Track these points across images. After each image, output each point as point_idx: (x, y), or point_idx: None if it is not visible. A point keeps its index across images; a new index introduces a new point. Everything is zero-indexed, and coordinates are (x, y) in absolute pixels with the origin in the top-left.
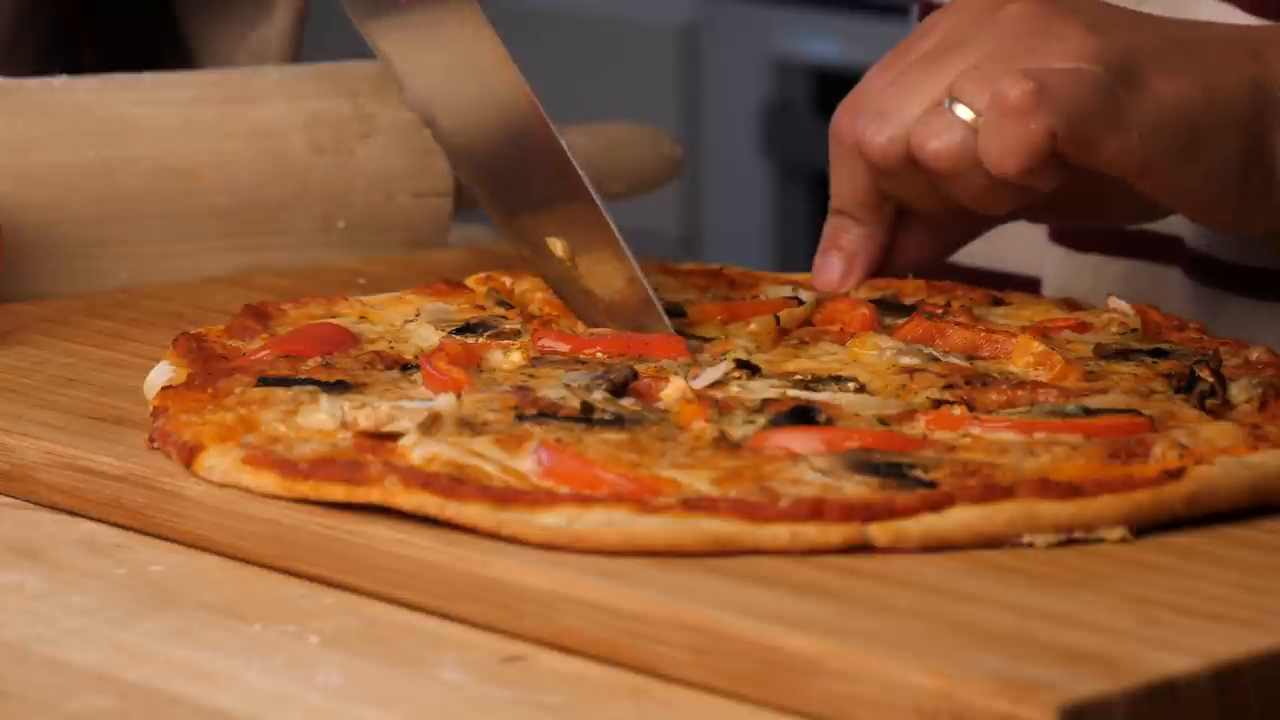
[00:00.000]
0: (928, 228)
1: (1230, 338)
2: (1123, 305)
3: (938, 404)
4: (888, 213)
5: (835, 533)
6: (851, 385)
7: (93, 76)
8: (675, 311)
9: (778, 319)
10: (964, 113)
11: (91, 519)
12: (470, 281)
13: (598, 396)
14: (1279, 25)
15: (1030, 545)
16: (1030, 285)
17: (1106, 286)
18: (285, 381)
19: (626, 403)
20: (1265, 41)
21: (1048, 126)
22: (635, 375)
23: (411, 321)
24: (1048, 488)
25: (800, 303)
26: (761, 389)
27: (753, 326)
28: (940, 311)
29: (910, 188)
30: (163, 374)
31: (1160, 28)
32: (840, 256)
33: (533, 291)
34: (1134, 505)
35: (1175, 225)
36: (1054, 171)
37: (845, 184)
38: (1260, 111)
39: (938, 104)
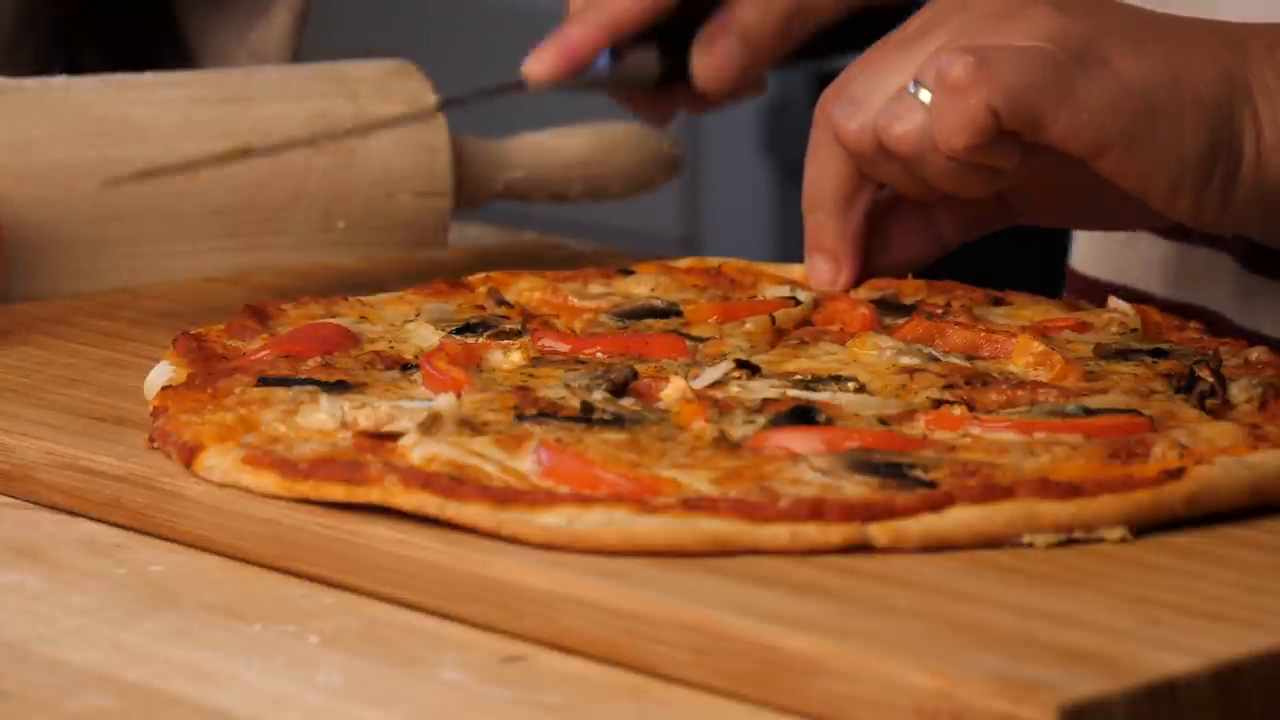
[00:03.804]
0: (919, 224)
1: (1230, 337)
2: (1123, 305)
3: (938, 404)
4: (863, 203)
5: (835, 533)
6: (851, 385)
7: (93, 76)
8: (671, 311)
9: (773, 319)
10: (926, 96)
11: (91, 519)
12: (472, 280)
13: (598, 396)
14: (1272, 23)
15: (1030, 545)
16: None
17: (1137, 266)
18: (285, 381)
19: (626, 403)
20: (1250, 34)
21: (987, 101)
22: (635, 375)
23: (411, 321)
24: (1048, 488)
25: (797, 303)
26: (761, 389)
27: (748, 326)
28: (940, 311)
29: (888, 173)
30: (163, 374)
31: (1136, 12)
32: (825, 257)
33: (530, 291)
34: (1134, 505)
35: None
36: (1008, 150)
37: (825, 168)
38: (1231, 103)
39: (903, 89)
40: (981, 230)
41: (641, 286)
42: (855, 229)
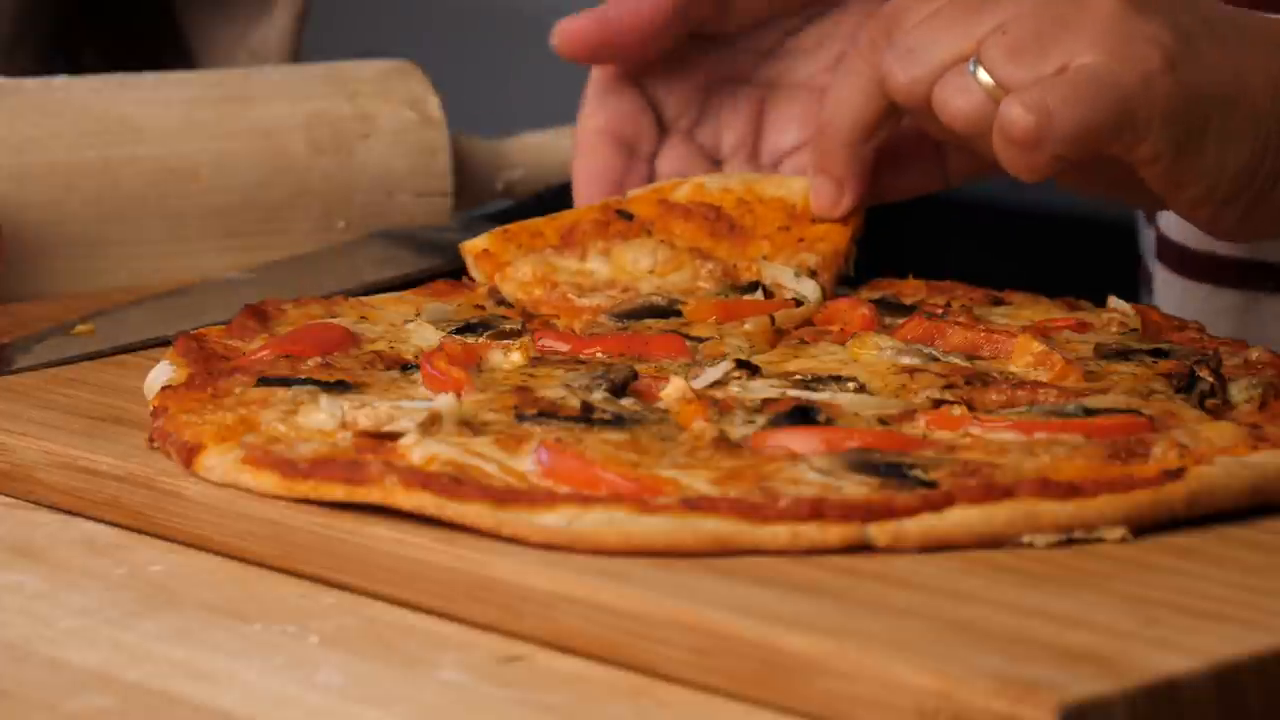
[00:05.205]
0: (930, 159)
1: (1230, 338)
2: (1123, 305)
3: (938, 404)
4: (878, 139)
5: (835, 533)
6: (851, 385)
7: (93, 76)
8: (671, 311)
9: (773, 319)
10: (984, 77)
11: (91, 519)
12: (466, 247)
13: (598, 396)
14: None
15: (1030, 545)
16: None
17: (1211, 315)
18: (285, 381)
19: (626, 403)
20: None
21: (1054, 155)
22: (635, 375)
23: (411, 321)
24: (1048, 488)
25: (799, 304)
26: (761, 389)
27: (747, 327)
28: (940, 311)
29: (930, 125)
30: (163, 374)
31: (1203, 11)
32: (829, 180)
33: (531, 287)
34: (1134, 505)
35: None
36: (1070, 172)
37: (852, 98)
38: (1277, 118)
39: (963, 60)
40: (986, 174)
41: (642, 255)
42: (864, 158)
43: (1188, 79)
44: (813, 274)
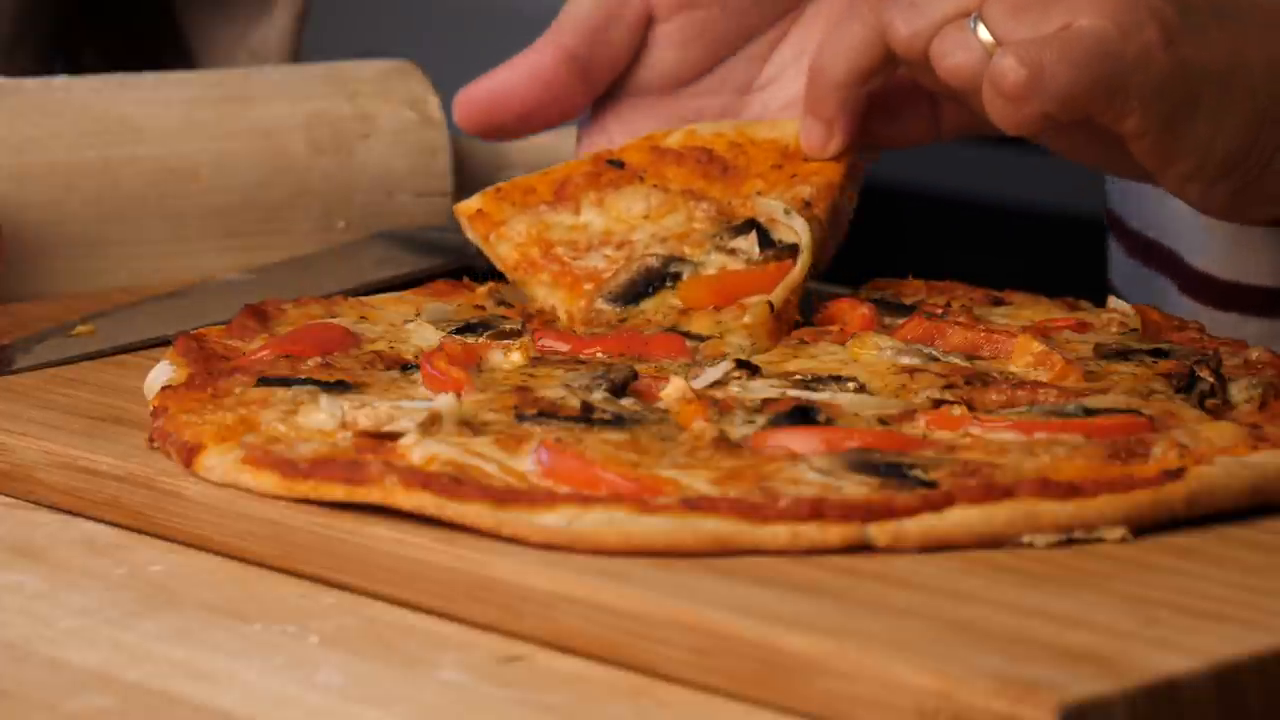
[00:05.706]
0: (924, 110)
1: (1230, 338)
2: (1123, 305)
3: (938, 404)
4: (871, 85)
5: (835, 533)
6: (851, 385)
7: (93, 76)
8: (668, 272)
9: (772, 306)
10: (985, 34)
11: (91, 519)
12: (460, 208)
13: (598, 396)
14: None
15: (1030, 545)
16: None
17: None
18: (285, 381)
19: (626, 403)
20: None
21: (1041, 111)
22: (635, 375)
23: (411, 321)
24: (1048, 488)
25: (793, 248)
26: (761, 389)
27: (746, 319)
28: (940, 311)
29: (925, 78)
30: (163, 374)
31: None
32: (819, 123)
33: (526, 248)
34: (1134, 505)
35: None
36: (1058, 133)
37: (849, 45)
38: (1276, 101)
39: (965, 15)
40: (978, 130)
41: (635, 201)
42: (856, 102)
43: (1184, 55)
44: (807, 205)
